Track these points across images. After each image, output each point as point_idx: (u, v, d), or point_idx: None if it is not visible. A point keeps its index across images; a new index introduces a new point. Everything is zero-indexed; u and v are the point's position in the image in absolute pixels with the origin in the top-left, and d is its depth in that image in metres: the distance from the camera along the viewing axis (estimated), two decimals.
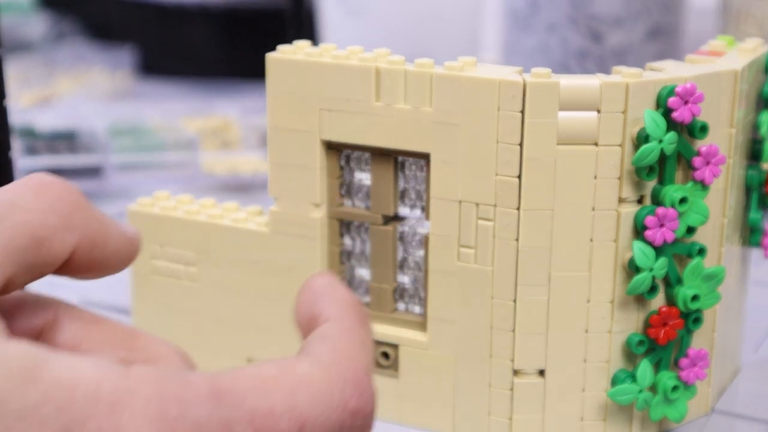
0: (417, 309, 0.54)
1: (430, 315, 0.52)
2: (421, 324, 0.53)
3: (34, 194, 0.37)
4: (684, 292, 0.50)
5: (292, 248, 0.54)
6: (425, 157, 0.51)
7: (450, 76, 0.49)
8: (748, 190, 0.55)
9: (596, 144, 0.48)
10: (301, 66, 0.52)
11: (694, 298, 0.50)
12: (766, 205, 0.56)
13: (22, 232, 0.36)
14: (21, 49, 1.20)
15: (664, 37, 0.96)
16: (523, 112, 0.48)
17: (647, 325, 0.50)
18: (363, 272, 0.55)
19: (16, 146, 0.83)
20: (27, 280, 0.37)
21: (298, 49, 0.53)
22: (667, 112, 0.48)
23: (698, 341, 0.52)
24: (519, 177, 0.49)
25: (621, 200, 0.49)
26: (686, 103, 0.48)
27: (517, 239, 0.49)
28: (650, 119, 0.47)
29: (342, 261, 0.55)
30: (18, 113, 0.94)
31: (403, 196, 0.53)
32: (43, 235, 0.36)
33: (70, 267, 0.38)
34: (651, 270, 0.49)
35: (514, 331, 0.50)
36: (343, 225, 0.54)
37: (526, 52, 0.97)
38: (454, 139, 0.49)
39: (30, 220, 0.36)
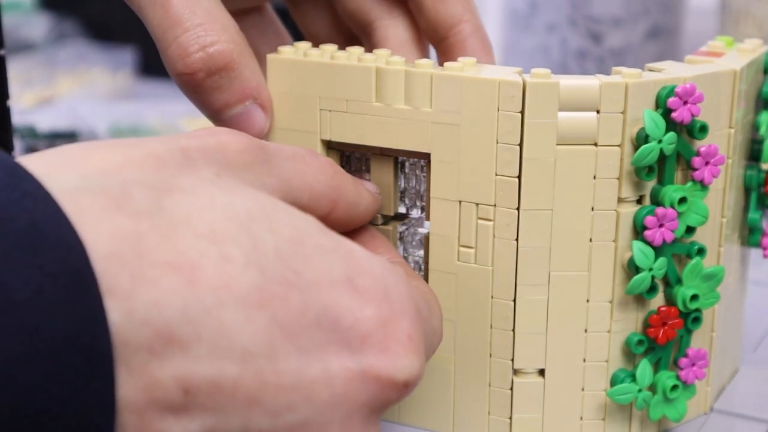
0: None
1: None
2: None
3: (309, 154, 0.46)
4: (683, 291, 0.50)
5: None
6: (425, 157, 0.51)
7: (450, 76, 0.49)
8: (747, 190, 0.55)
9: (596, 144, 0.48)
10: (301, 66, 0.52)
11: (694, 297, 0.50)
12: (765, 205, 0.56)
13: (304, 181, 0.45)
14: (22, 50, 1.20)
15: (664, 38, 0.96)
16: (522, 112, 0.48)
17: (646, 324, 0.50)
18: None
19: (18, 146, 0.83)
20: None
21: (298, 50, 0.53)
22: (666, 113, 0.48)
23: (697, 341, 0.52)
24: (519, 177, 0.49)
25: (620, 200, 0.49)
26: (685, 103, 0.48)
27: (516, 239, 0.49)
28: (649, 119, 0.48)
29: None
30: (19, 113, 0.94)
31: (403, 196, 0.53)
32: (317, 191, 0.45)
33: (327, 223, 0.44)
34: (650, 270, 0.49)
35: (513, 330, 0.50)
36: None
37: (526, 53, 0.97)
38: (454, 139, 0.49)
39: (307, 172, 0.45)
